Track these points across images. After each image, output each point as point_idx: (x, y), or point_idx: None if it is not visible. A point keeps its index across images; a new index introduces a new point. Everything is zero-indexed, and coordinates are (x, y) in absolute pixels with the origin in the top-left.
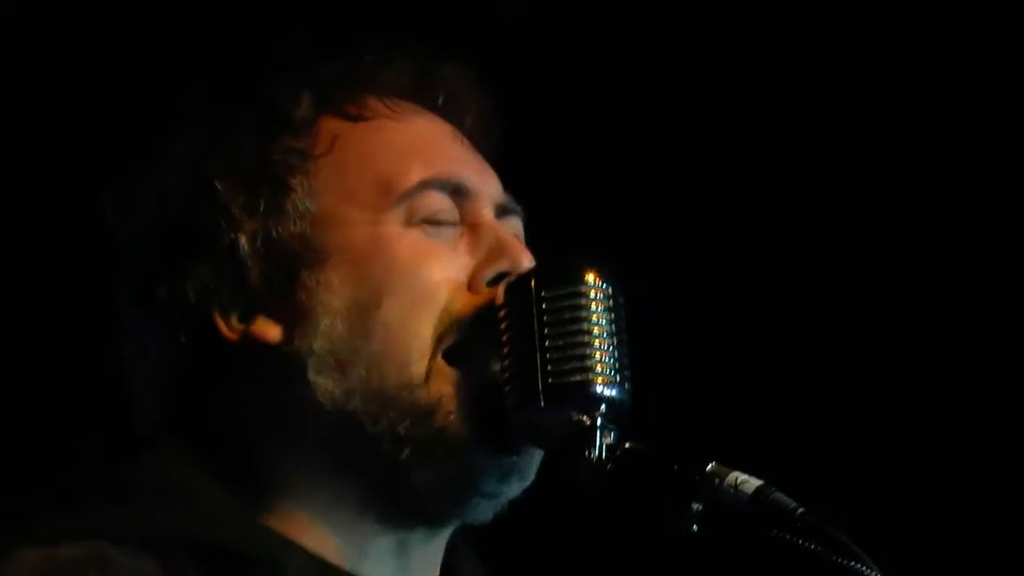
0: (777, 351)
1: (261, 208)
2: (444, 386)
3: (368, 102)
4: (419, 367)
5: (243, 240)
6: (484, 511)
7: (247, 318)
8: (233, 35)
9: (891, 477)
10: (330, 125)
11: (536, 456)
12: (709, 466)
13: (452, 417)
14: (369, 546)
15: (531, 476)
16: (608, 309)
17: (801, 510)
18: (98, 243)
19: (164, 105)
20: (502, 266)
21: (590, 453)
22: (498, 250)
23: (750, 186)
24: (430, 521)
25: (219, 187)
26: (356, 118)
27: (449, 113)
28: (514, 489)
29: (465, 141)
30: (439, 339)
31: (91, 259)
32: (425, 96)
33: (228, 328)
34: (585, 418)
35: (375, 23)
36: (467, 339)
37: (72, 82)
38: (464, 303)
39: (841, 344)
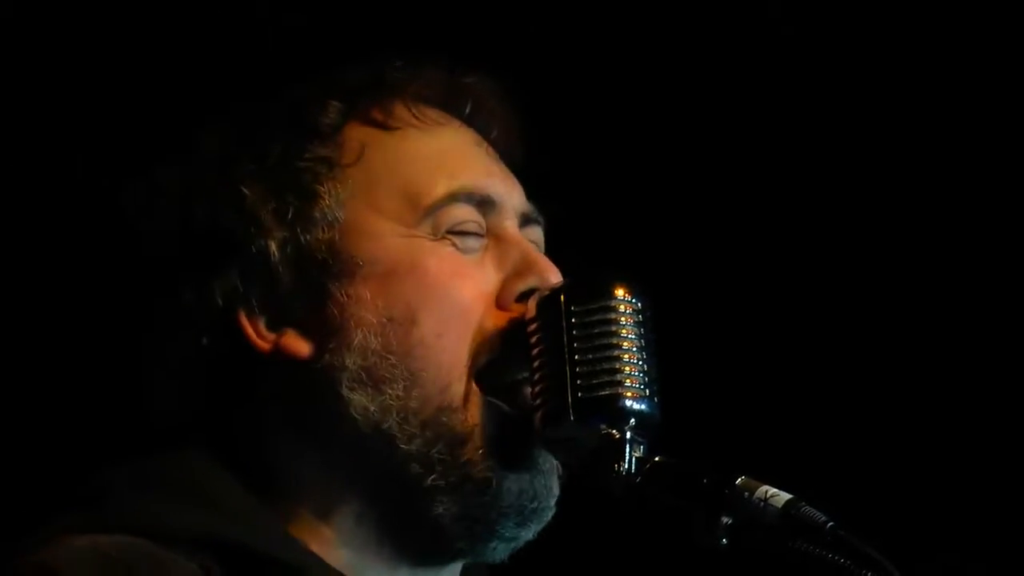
0: (808, 365)
1: (290, 215)
2: (478, 415)
3: (395, 110)
4: (457, 390)
5: (273, 247)
6: (500, 553)
7: (276, 327)
8: (263, 39)
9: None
10: (357, 133)
11: (554, 495)
12: (738, 479)
13: (481, 452)
14: (384, 571)
15: (547, 518)
16: (637, 324)
17: (831, 523)
18: (118, 239)
19: (189, 103)
20: (531, 282)
21: (619, 467)
22: (526, 266)
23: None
24: (445, 557)
25: (247, 192)
26: (383, 126)
27: (476, 122)
28: (531, 532)
29: (491, 151)
30: (473, 357)
31: (108, 256)
32: (453, 105)
33: (257, 334)
34: (614, 432)
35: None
36: (499, 358)
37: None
38: (495, 320)
39: (871, 359)
